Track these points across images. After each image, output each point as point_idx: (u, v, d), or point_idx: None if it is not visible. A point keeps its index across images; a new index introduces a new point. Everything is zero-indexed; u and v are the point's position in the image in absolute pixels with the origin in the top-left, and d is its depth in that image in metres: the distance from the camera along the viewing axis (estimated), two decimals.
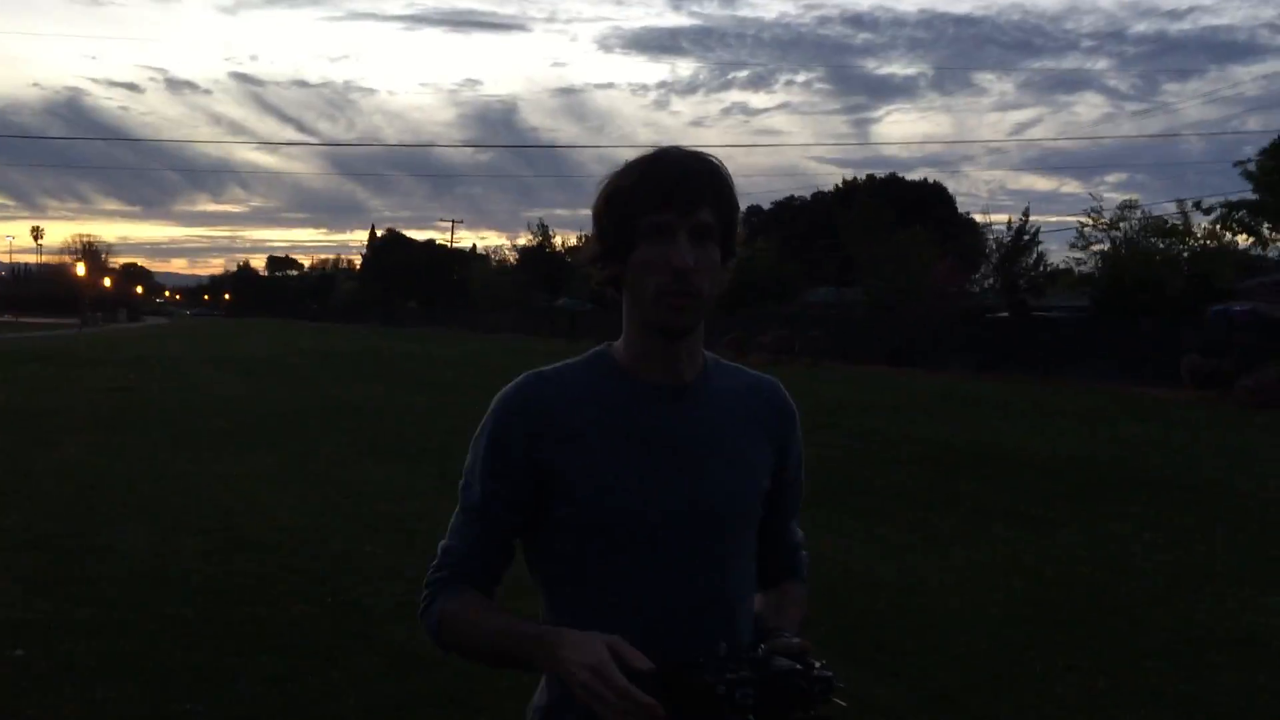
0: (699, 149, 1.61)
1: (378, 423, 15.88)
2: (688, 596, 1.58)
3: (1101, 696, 4.92)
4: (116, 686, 4.61)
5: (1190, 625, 6.13)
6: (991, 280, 47.50)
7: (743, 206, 1.66)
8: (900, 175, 72.02)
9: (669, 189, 1.53)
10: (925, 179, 71.89)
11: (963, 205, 76.34)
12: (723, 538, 1.63)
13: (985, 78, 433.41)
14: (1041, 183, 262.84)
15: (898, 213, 53.08)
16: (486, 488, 1.59)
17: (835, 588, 6.55)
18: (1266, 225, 34.88)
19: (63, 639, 5.19)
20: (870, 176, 72.70)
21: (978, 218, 59.94)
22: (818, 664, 1.43)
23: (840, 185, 74.28)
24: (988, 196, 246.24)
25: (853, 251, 50.18)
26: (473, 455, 1.62)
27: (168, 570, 6.61)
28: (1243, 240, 37.37)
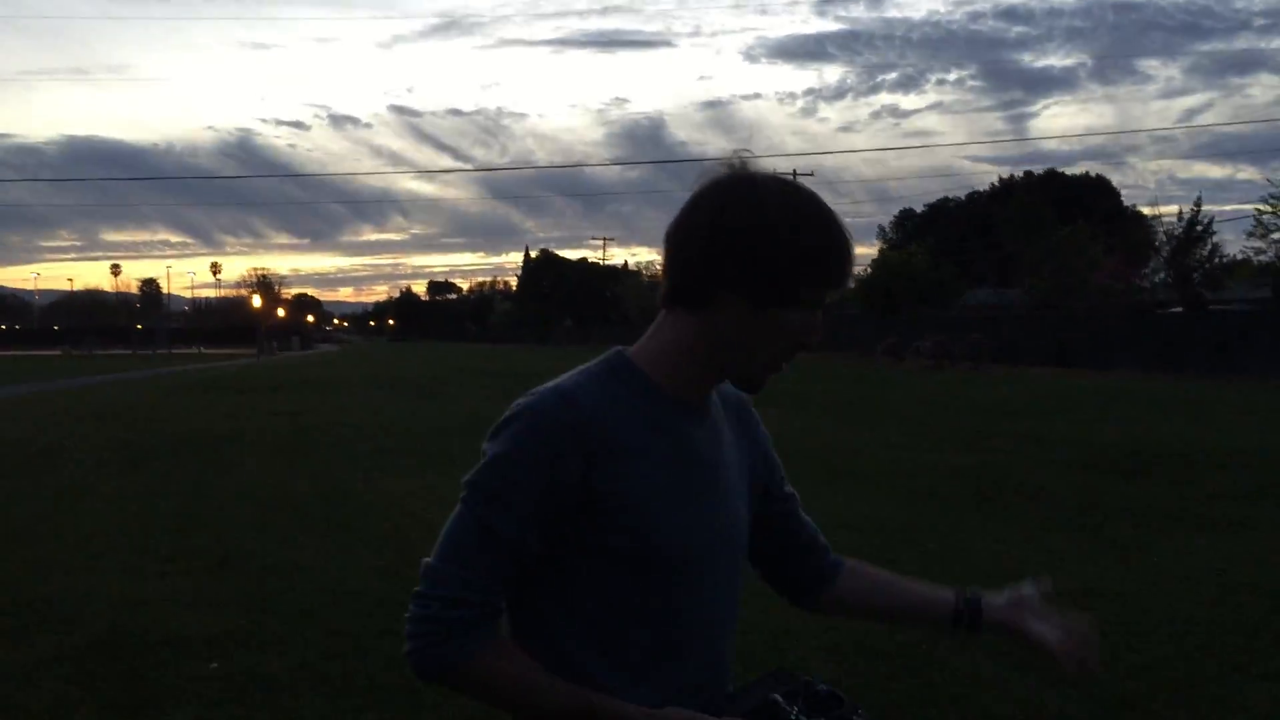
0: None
1: None
2: (723, 628, 1.55)
3: None
4: (302, 696, 4.82)
5: None
6: (1162, 274, 45.49)
7: (895, 210, 1.61)
8: (1060, 170, 69.71)
9: (846, 272, 1.46)
10: (1087, 173, 69.44)
11: (1128, 198, 73.51)
12: (741, 560, 1.61)
13: (1150, 64, 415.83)
14: (1214, 170, 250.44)
15: (1058, 209, 51.43)
16: (526, 514, 1.40)
17: None
18: None
19: (251, 652, 5.45)
20: (1028, 173, 70.76)
21: (1145, 210, 57.47)
22: (855, 714, 1.44)
23: (996, 184, 72.37)
24: (1155, 187, 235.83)
25: (1012, 251, 48.76)
26: (504, 475, 1.41)
27: (346, 585, 6.87)
28: None
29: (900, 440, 15.10)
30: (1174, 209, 48.00)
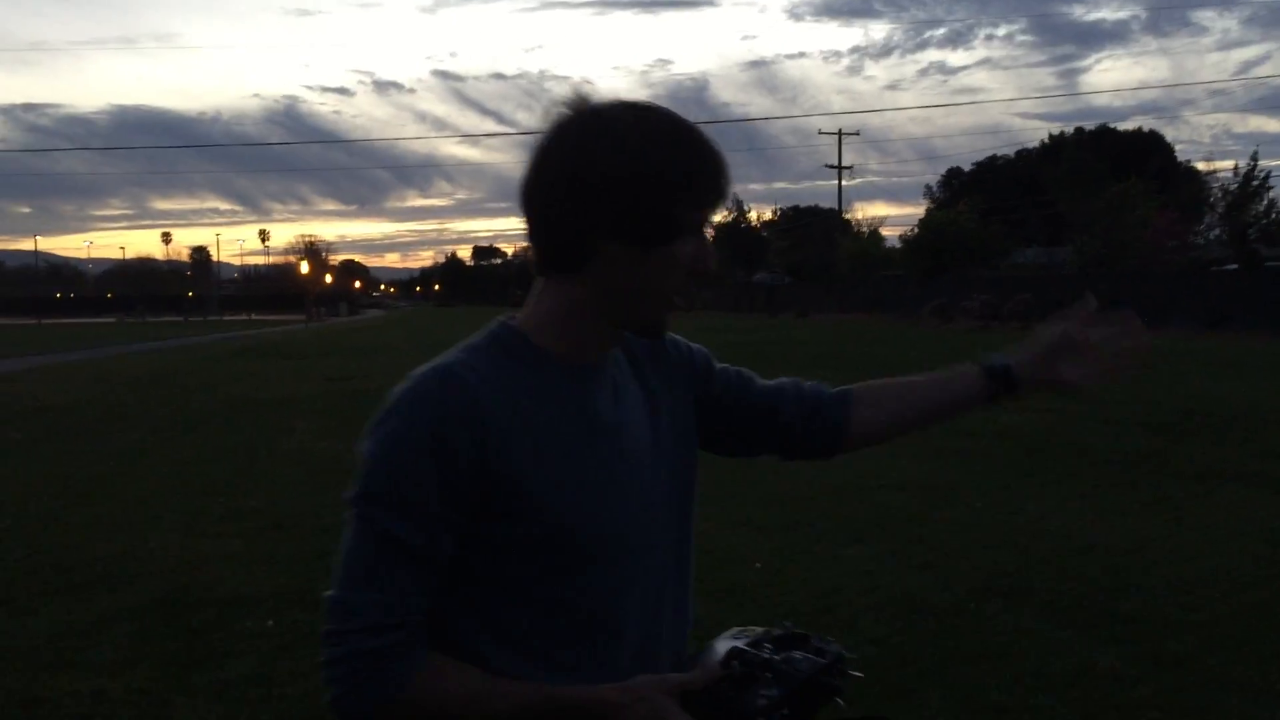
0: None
1: None
2: (661, 600, 1.41)
3: None
4: None
5: None
6: (1217, 231, 44.66)
7: (943, 169, 1.52)
8: (1112, 126, 68.43)
9: (722, 186, 1.33)
10: (1139, 129, 68.14)
11: (1183, 153, 72.07)
12: (684, 525, 1.47)
13: (1205, 15, 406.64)
14: (1272, 124, 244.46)
15: (1110, 165, 50.54)
16: (431, 513, 1.25)
17: (1056, 553, 6.35)
18: None
19: (306, 609, 5.55)
20: (1079, 129, 69.48)
21: (1200, 166, 56.28)
22: (828, 646, 1.35)
23: (1046, 141, 71.22)
24: (1210, 142, 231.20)
25: (1062, 209, 48.05)
26: (393, 475, 1.25)
27: None
28: None
29: None
30: (1229, 164, 47.03)
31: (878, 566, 6.14)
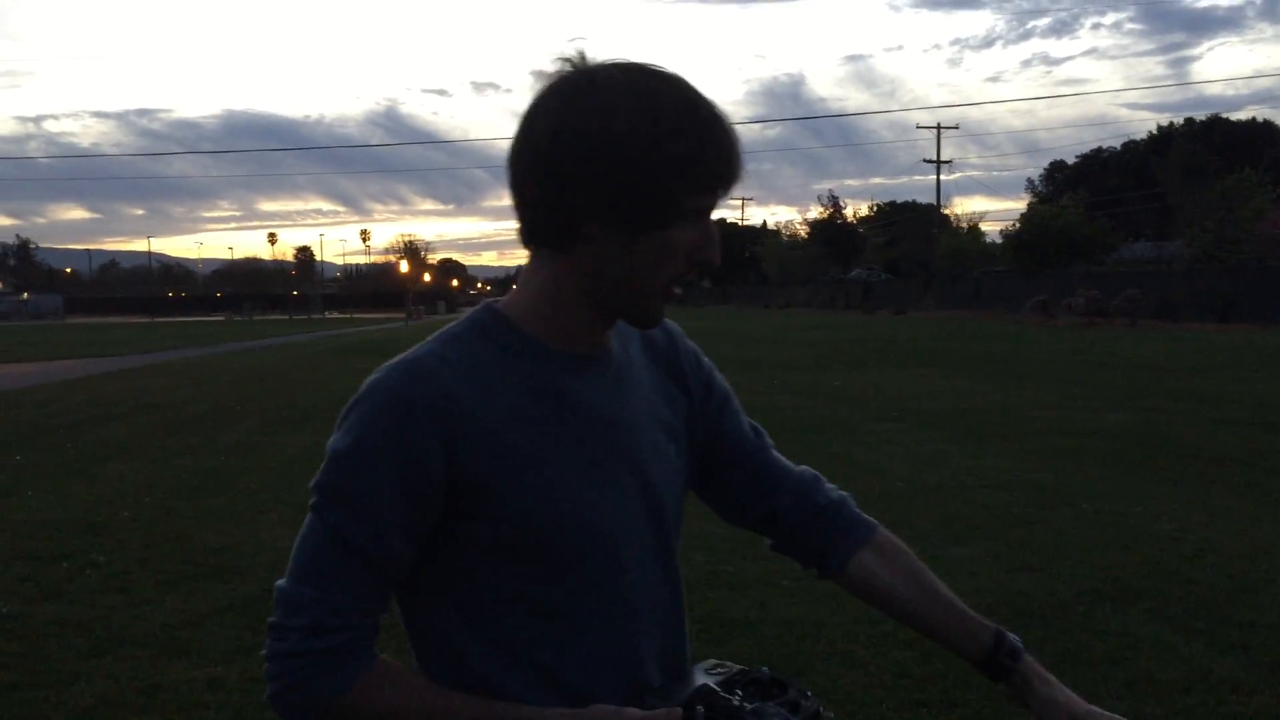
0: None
1: None
2: (649, 608, 1.32)
3: None
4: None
5: None
6: None
7: (1045, 162, 1.35)
8: (1224, 116, 66.20)
9: (734, 170, 1.19)
10: (1254, 118, 65.78)
11: None
12: (673, 529, 1.37)
13: None
14: None
15: (1222, 157, 48.94)
16: (385, 518, 1.17)
17: (1163, 557, 6.17)
18: None
19: None
20: (1189, 120, 67.39)
21: None
22: (806, 702, 1.25)
23: (1155, 132, 69.19)
24: None
25: (1171, 202, 46.63)
26: (350, 474, 1.18)
27: None
28: None
29: (1053, 399, 14.66)
30: None
31: (982, 568, 6.03)
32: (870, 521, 1.51)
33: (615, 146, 1.13)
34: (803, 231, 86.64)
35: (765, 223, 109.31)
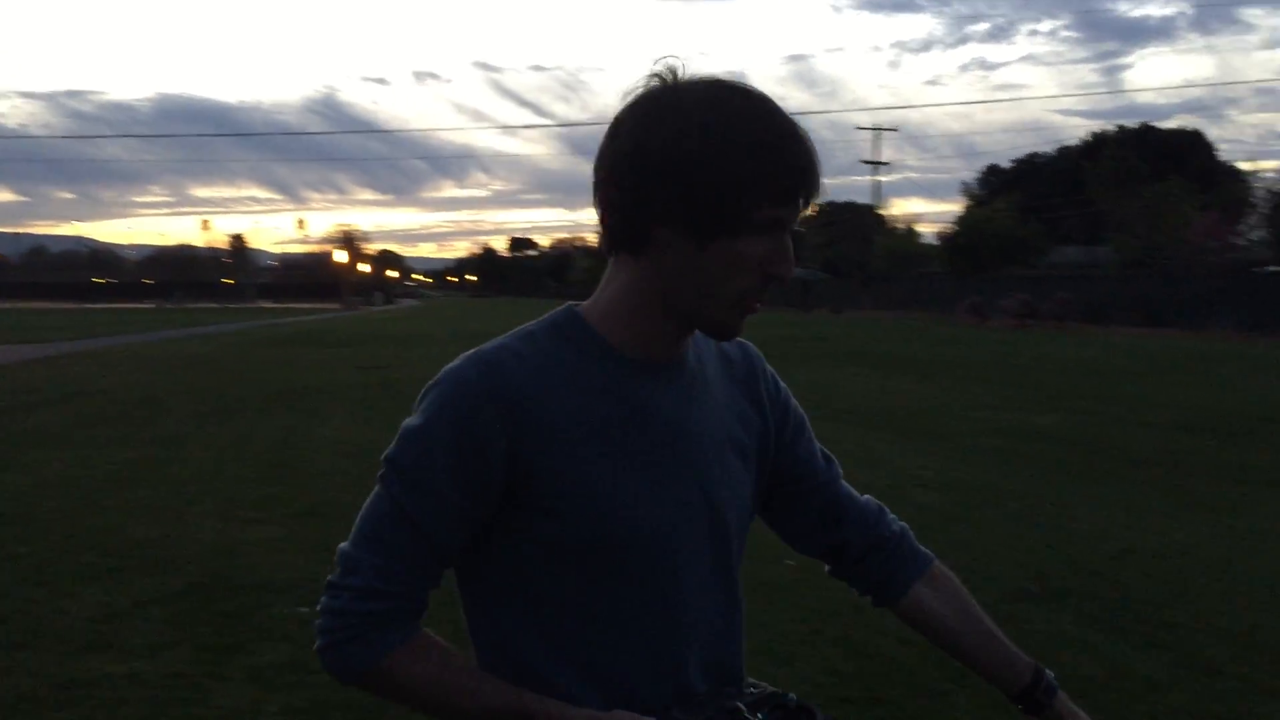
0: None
1: None
2: (705, 625, 1.35)
3: None
4: None
5: None
6: (1260, 232, 44.05)
7: (981, 165, 1.45)
8: (1154, 125, 67.54)
9: (807, 184, 1.23)
10: (1183, 127, 67.19)
11: (1226, 154, 71.13)
12: (734, 544, 1.39)
13: (1253, 13, 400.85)
14: None
15: (1152, 164, 49.97)
16: (444, 497, 1.23)
17: (1088, 556, 6.29)
18: None
19: None
20: (1121, 127, 68.61)
21: (1243, 166, 55.53)
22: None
23: (1088, 139, 70.41)
24: (1255, 142, 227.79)
25: (1102, 208, 47.56)
26: (418, 454, 1.24)
27: None
28: None
29: (984, 400, 14.89)
30: (1274, 164, 46.35)
31: None
32: (928, 554, 1.59)
33: (689, 154, 1.18)
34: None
35: None
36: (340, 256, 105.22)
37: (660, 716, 1.25)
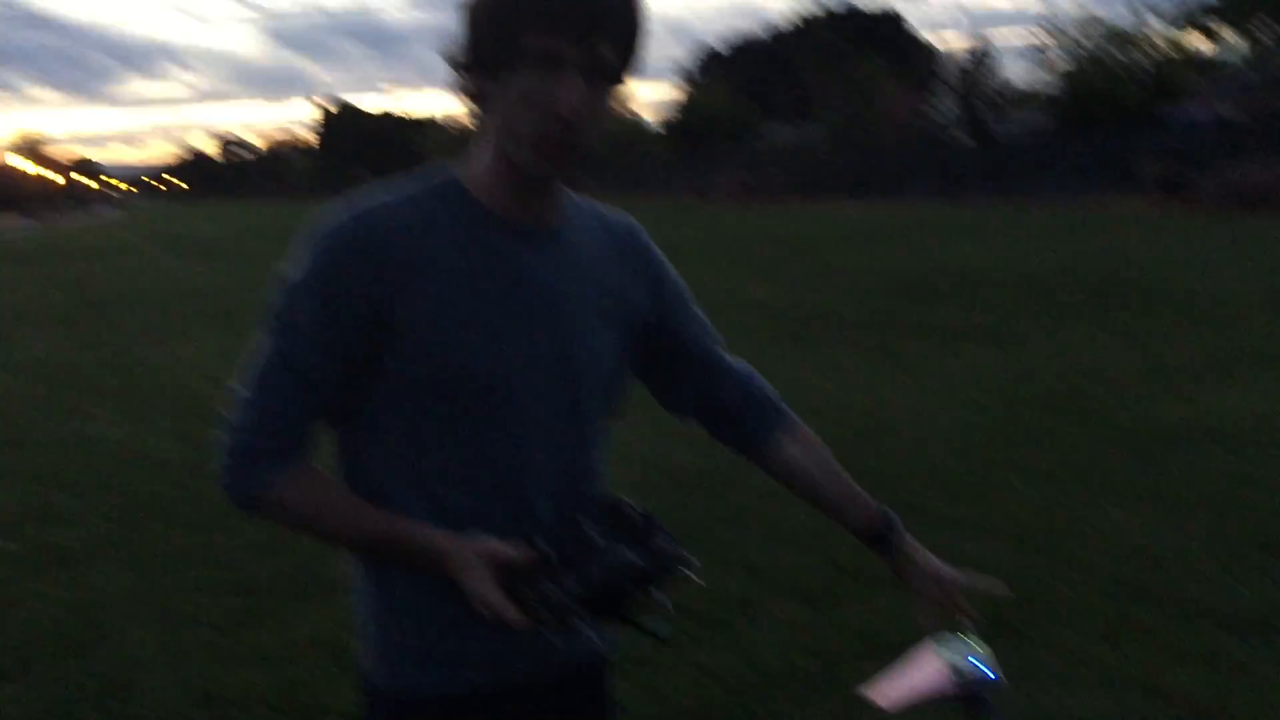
0: None
1: None
2: (556, 466, 1.41)
3: (1069, 496, 5.09)
4: (106, 568, 4.69)
5: (1152, 421, 6.33)
6: (950, 106, 47.12)
7: (698, 50, 1.42)
8: (858, 8, 70.31)
9: (580, 12, 1.22)
10: (884, 11, 70.26)
11: (923, 31, 74.92)
12: (592, 397, 1.45)
13: None
14: (1001, 2, 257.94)
15: (856, 44, 52.22)
16: (318, 340, 1.31)
17: (801, 417, 6.67)
18: (1227, 27, 34.55)
19: (49, 529, 5.25)
20: (830, 13, 71.05)
21: (936, 43, 58.94)
22: (668, 548, 1.30)
23: (800, 24, 72.62)
24: (947, 20, 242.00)
25: (811, 88, 49.48)
26: (292, 300, 1.32)
27: (144, 453, 6.65)
28: (1203, 45, 37.07)
29: (705, 275, 15.37)
30: (964, 43, 49.52)
31: (636, 438, 6.25)
32: (792, 414, 1.70)
33: None
34: (470, 122, 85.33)
35: (434, 117, 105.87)
36: (25, 166, 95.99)
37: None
